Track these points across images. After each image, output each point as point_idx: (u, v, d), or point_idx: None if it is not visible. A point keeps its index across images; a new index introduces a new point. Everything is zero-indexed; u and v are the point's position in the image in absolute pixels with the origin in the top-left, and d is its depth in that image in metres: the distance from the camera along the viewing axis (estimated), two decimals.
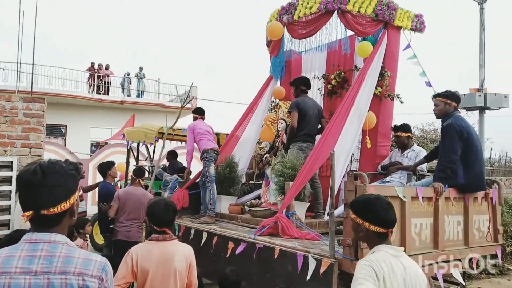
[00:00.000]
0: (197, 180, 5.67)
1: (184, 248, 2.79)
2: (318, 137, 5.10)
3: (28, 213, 1.45)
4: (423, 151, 5.16)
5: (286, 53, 6.31)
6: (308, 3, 5.23)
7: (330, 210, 3.32)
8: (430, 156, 4.79)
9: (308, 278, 3.23)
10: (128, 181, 7.64)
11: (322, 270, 3.14)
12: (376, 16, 5.17)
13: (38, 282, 1.39)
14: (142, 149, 9.40)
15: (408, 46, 5.52)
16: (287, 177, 4.55)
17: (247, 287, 3.72)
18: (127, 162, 8.86)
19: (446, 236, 3.96)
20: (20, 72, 11.67)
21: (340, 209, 4.25)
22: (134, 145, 8.70)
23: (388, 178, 5.04)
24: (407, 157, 5.10)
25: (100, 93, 18.03)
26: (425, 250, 3.74)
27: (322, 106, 5.97)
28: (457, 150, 4.00)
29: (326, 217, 4.69)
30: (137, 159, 8.89)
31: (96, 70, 18.30)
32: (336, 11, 5.17)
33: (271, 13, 5.99)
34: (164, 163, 8.95)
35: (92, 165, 12.54)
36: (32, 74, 11.42)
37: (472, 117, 11.95)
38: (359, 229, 2.13)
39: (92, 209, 9.33)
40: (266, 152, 6.98)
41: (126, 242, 5.04)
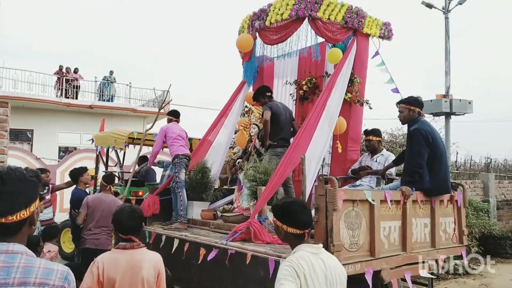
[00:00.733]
0: (169, 186, 5.60)
1: (152, 256, 2.70)
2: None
3: None
4: (392, 156, 5.30)
5: (259, 59, 6.35)
6: (280, 10, 5.29)
7: None
8: (398, 160, 4.92)
9: None
10: (98, 188, 7.44)
11: None
12: (346, 24, 5.28)
13: None
14: (112, 155, 9.20)
15: (377, 53, 5.67)
16: (260, 182, 4.55)
17: None
18: (96, 168, 8.64)
19: (414, 238, 4.07)
20: None
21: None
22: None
23: (358, 182, 5.14)
24: (377, 161, 5.21)
25: (69, 97, 17.54)
26: (394, 253, 3.83)
27: (294, 112, 6.05)
28: (424, 155, 4.12)
29: None
30: (107, 165, 8.67)
31: (64, 74, 17.79)
32: (307, 18, 5.26)
33: (243, 19, 6.02)
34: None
35: (60, 171, 12.19)
36: None
37: (439, 122, 12.37)
38: (280, 231, 2.24)
39: (60, 216, 9.05)
40: (239, 157, 6.96)
41: (95, 251, 4.88)
